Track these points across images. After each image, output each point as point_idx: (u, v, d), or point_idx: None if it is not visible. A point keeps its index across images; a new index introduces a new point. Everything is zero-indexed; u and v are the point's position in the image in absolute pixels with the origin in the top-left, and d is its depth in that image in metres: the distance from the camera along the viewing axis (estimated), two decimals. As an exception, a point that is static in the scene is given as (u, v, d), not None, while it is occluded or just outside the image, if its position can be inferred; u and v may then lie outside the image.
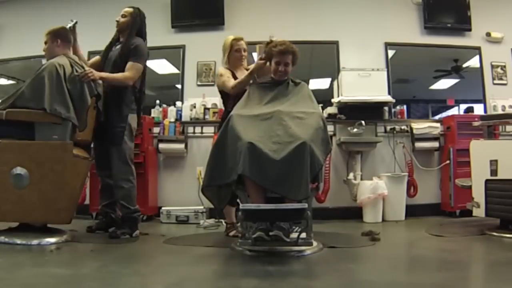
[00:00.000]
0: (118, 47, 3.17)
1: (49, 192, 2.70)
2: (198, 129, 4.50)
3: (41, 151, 2.72)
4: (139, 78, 3.16)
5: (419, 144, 4.34)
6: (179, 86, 4.78)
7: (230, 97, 3.10)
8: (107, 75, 3.02)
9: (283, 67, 2.82)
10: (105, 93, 3.11)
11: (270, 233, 2.29)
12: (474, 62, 4.80)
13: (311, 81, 4.87)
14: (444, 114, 4.97)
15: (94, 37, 4.17)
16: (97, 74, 2.92)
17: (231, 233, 3.11)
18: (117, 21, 3.19)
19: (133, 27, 3.16)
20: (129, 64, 3.05)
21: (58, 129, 2.74)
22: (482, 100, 4.68)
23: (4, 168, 2.67)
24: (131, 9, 3.19)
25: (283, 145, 2.40)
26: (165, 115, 4.55)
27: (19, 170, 2.68)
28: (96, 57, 3.36)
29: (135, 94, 3.16)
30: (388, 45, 4.70)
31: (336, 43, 4.68)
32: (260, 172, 2.35)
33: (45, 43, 3.06)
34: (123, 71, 3.05)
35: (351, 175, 4.21)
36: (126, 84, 3.06)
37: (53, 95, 2.70)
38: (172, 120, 4.48)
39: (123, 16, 3.18)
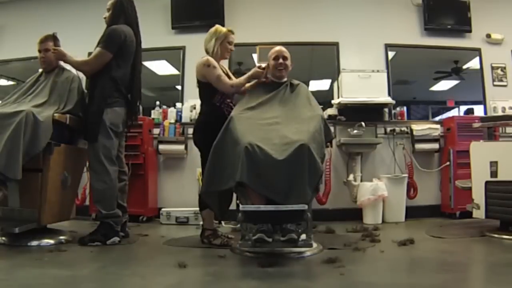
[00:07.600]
0: None
1: (74, 192, 3.09)
2: (198, 130, 4.48)
3: (79, 156, 3.07)
4: (125, 70, 2.97)
5: (419, 146, 4.35)
6: (179, 87, 4.78)
7: (217, 91, 2.91)
8: (68, 57, 2.93)
9: (283, 60, 2.87)
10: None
11: (282, 239, 2.27)
12: (474, 64, 4.81)
13: (311, 82, 4.87)
14: (444, 116, 4.98)
15: (94, 37, 4.17)
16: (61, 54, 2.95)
17: (216, 241, 2.82)
18: (104, 18, 3.04)
19: (114, 16, 2.97)
20: (95, 50, 2.89)
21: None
22: (482, 102, 4.68)
23: (59, 170, 2.83)
24: (112, 0, 3.02)
25: (281, 150, 2.37)
26: (165, 116, 4.55)
27: (65, 172, 2.88)
28: None
29: (117, 88, 2.91)
30: (388, 47, 4.70)
31: (336, 44, 4.68)
32: (258, 179, 2.31)
33: (48, 50, 3.03)
34: None
35: (351, 177, 4.21)
36: (82, 70, 2.94)
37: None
38: (172, 121, 4.48)
39: (108, 10, 3.03)
